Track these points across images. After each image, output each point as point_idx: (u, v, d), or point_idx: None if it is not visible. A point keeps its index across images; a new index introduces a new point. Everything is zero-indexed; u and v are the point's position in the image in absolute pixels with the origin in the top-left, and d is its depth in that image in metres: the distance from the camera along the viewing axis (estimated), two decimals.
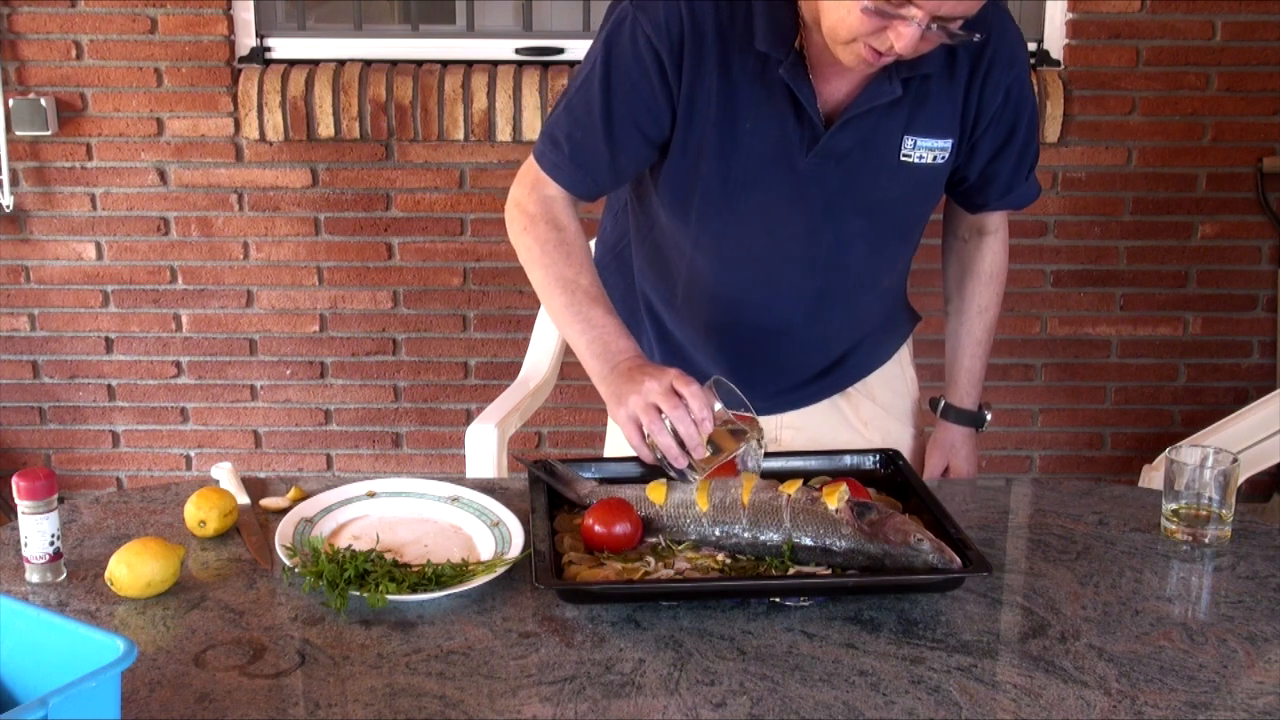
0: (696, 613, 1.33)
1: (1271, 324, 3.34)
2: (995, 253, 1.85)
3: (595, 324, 1.55)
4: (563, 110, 1.62)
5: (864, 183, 1.62)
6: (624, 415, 1.45)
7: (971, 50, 1.57)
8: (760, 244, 1.66)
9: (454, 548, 1.49)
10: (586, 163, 1.61)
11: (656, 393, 1.42)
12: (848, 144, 1.58)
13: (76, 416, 3.39)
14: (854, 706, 1.17)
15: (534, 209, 1.62)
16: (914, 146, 1.61)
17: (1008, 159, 1.70)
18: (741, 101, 1.56)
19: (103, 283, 3.29)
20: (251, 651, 1.26)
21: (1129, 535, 1.55)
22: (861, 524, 1.38)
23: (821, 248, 1.66)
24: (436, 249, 3.27)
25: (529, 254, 1.62)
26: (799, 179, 1.60)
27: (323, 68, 3.14)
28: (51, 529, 1.37)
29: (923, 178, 1.64)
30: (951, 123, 1.61)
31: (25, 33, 3.13)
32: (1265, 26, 3.15)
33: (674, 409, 1.40)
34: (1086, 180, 3.25)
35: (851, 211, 1.64)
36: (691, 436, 1.40)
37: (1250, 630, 1.32)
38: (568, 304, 1.58)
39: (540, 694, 1.18)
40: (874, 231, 1.68)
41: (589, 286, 1.58)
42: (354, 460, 3.43)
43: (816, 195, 1.61)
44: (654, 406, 1.42)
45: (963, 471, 1.90)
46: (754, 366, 1.76)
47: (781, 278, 1.68)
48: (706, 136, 1.58)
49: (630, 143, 1.59)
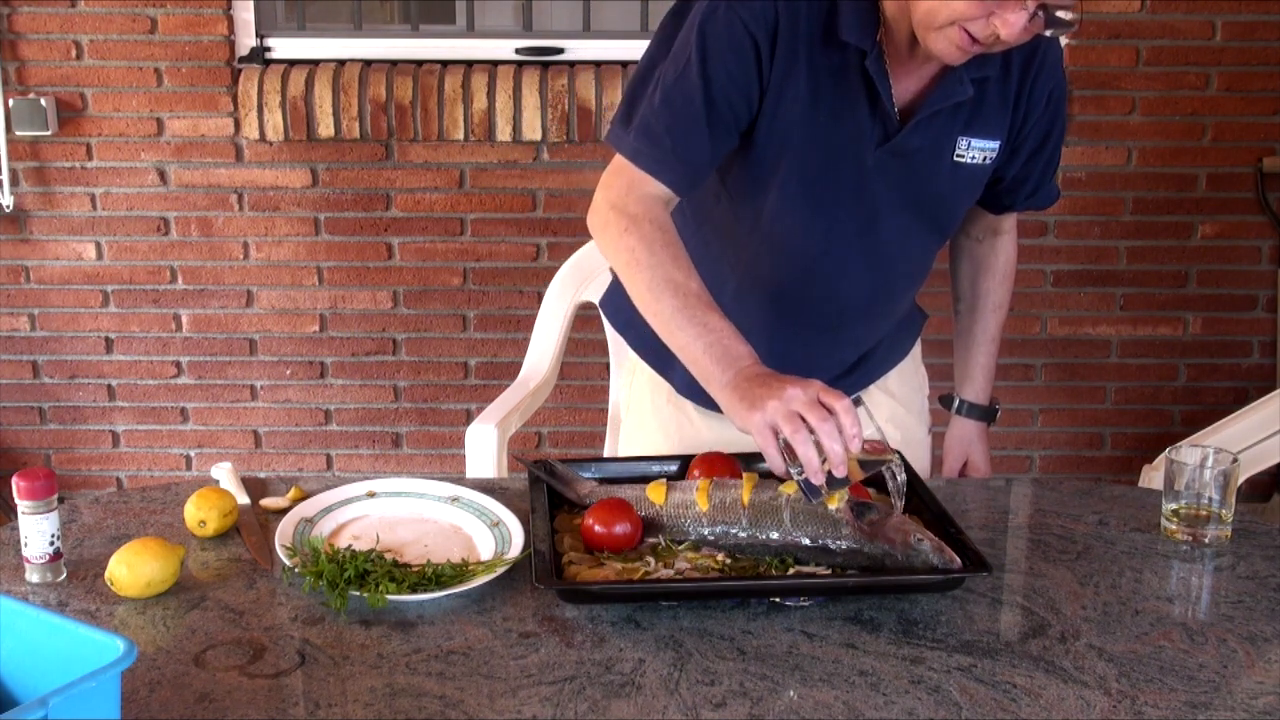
0: (696, 613, 1.33)
1: (1271, 324, 3.34)
2: (1008, 252, 1.89)
3: (712, 328, 1.47)
4: (660, 104, 1.55)
5: (920, 179, 1.63)
6: (760, 421, 1.35)
7: (1024, 54, 1.59)
8: (824, 239, 1.66)
9: (454, 548, 1.49)
10: (689, 154, 1.56)
11: (801, 401, 1.33)
12: (916, 143, 1.59)
13: (76, 416, 3.39)
14: (854, 706, 1.17)
15: (635, 209, 1.54)
16: (968, 147, 1.62)
17: (1039, 161, 1.72)
18: (822, 94, 1.56)
19: (103, 283, 3.29)
20: (251, 651, 1.26)
21: (1129, 535, 1.55)
22: (861, 524, 1.38)
23: (877, 244, 1.67)
24: (436, 249, 3.27)
25: (632, 256, 1.53)
26: (866, 172, 1.61)
27: (323, 68, 3.14)
28: (51, 529, 1.37)
29: (970, 177, 1.66)
30: (1002, 125, 1.64)
31: (25, 33, 3.13)
32: (1265, 26, 3.15)
33: (822, 421, 1.31)
34: (1086, 180, 3.25)
35: (906, 206, 1.65)
36: (837, 453, 1.31)
37: (1250, 630, 1.32)
38: (680, 307, 1.49)
39: (540, 694, 1.18)
40: (921, 227, 1.69)
41: (699, 290, 1.50)
42: (354, 460, 3.43)
43: (880, 190, 1.62)
44: (797, 415, 1.33)
45: (981, 467, 1.93)
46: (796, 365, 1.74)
47: (840, 273, 1.69)
48: (791, 128, 1.57)
49: (727, 131, 1.56)
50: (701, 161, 1.57)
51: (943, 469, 1.94)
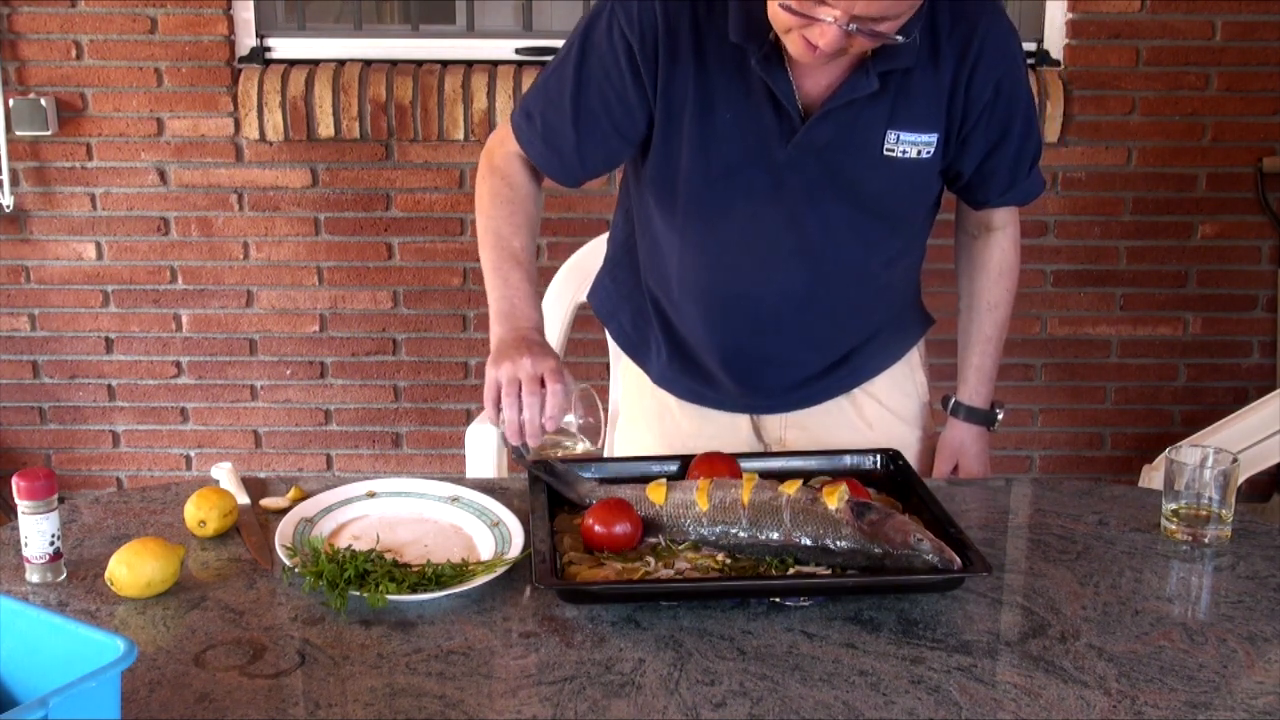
0: (696, 613, 1.33)
1: (1271, 324, 3.34)
2: (1004, 249, 1.84)
3: (511, 285, 1.60)
4: (539, 87, 1.66)
5: (845, 173, 1.61)
6: (492, 376, 1.50)
7: (957, 44, 1.56)
8: (745, 235, 1.66)
9: (454, 548, 1.49)
10: (554, 143, 1.65)
11: (526, 373, 1.47)
12: (826, 136, 1.58)
13: (76, 416, 3.39)
14: (854, 706, 1.17)
15: (498, 161, 1.69)
16: (897, 141, 1.60)
17: (1004, 155, 1.69)
18: (719, 94, 1.58)
19: (103, 283, 3.29)
20: (251, 651, 1.26)
21: (1129, 535, 1.55)
22: (861, 524, 1.38)
23: (805, 238, 1.65)
24: (436, 249, 3.27)
25: (479, 201, 1.68)
26: (778, 169, 1.60)
27: (323, 68, 3.14)
28: (51, 529, 1.37)
29: (908, 172, 1.63)
30: (936, 117, 1.61)
31: (25, 33, 3.13)
32: (1265, 26, 3.15)
33: (531, 395, 1.46)
34: (1086, 180, 3.25)
35: (834, 201, 1.63)
36: (533, 425, 1.47)
37: (1250, 630, 1.32)
38: (494, 260, 1.62)
39: (540, 694, 1.18)
40: (860, 223, 1.67)
41: (519, 250, 1.63)
42: (354, 460, 3.43)
43: (797, 185, 1.61)
44: (516, 380, 1.47)
45: (973, 470, 1.89)
46: (753, 361, 1.76)
47: (768, 268, 1.68)
48: (686, 130, 1.60)
49: (597, 132, 1.62)
50: (566, 152, 1.65)
51: (933, 473, 1.91)
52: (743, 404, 1.83)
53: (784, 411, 1.83)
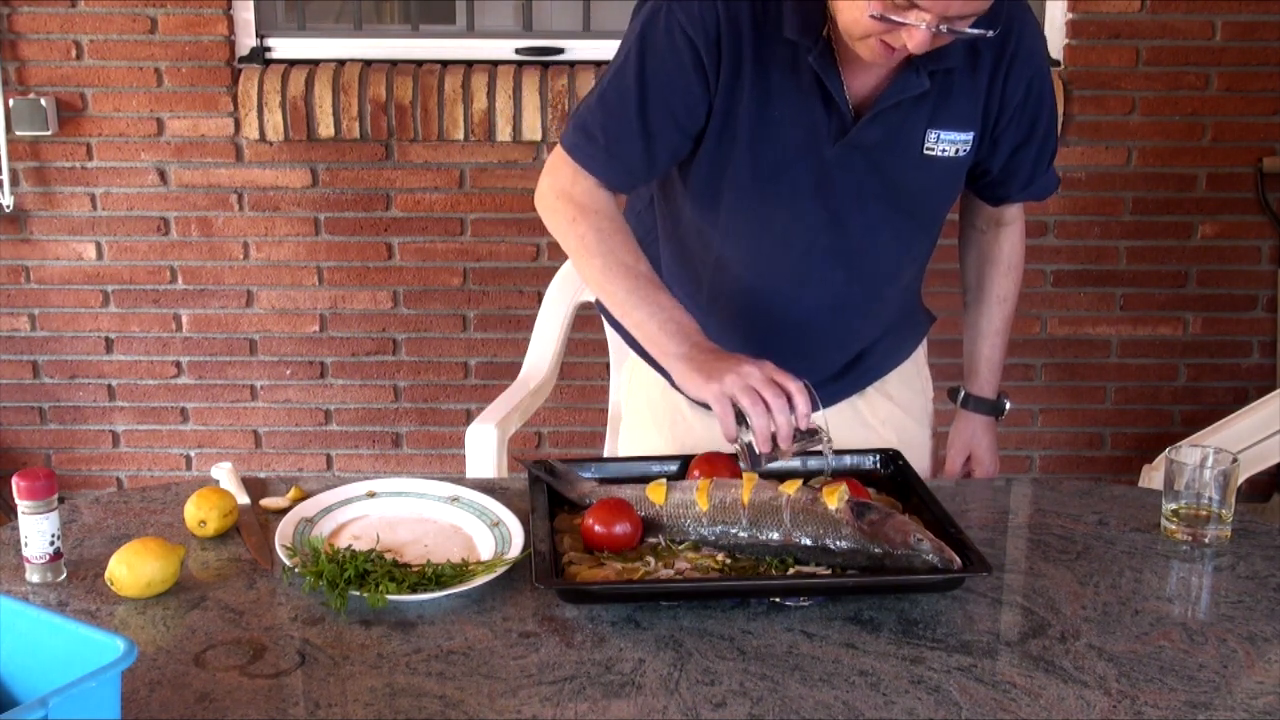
0: (696, 613, 1.33)
1: (1271, 324, 3.34)
2: (1013, 243, 1.86)
3: (664, 306, 1.56)
4: (595, 102, 1.62)
5: (888, 173, 1.63)
6: (717, 391, 1.45)
7: (994, 44, 1.57)
8: (787, 234, 1.66)
9: (454, 548, 1.49)
10: (622, 154, 1.61)
11: (758, 379, 1.44)
12: (876, 136, 1.59)
13: (76, 416, 3.39)
14: (854, 706, 1.17)
15: (582, 198, 1.63)
16: (937, 140, 1.62)
17: (1029, 152, 1.71)
18: (775, 91, 1.58)
19: (103, 283, 3.29)
20: (251, 651, 1.26)
21: (1129, 535, 1.55)
22: (861, 524, 1.38)
23: (848, 237, 1.67)
24: (436, 249, 3.27)
25: (582, 243, 1.62)
26: (826, 167, 1.61)
27: (323, 68, 3.14)
28: (51, 529, 1.37)
29: (944, 170, 1.65)
30: (973, 116, 1.63)
31: (25, 33, 3.13)
32: (1265, 26, 3.15)
33: (776, 398, 1.42)
34: (1086, 180, 3.25)
35: (875, 201, 1.65)
36: (786, 429, 1.43)
37: (1250, 630, 1.32)
38: (632, 289, 1.58)
39: (540, 694, 1.18)
40: (897, 221, 1.69)
41: (649, 273, 1.60)
42: (354, 460, 3.43)
43: (842, 184, 1.63)
44: (754, 390, 1.43)
45: (986, 464, 1.92)
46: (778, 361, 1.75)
47: (809, 267, 1.69)
48: (740, 126, 1.60)
49: (665, 133, 1.60)
50: (635, 161, 1.62)
51: (945, 467, 1.93)
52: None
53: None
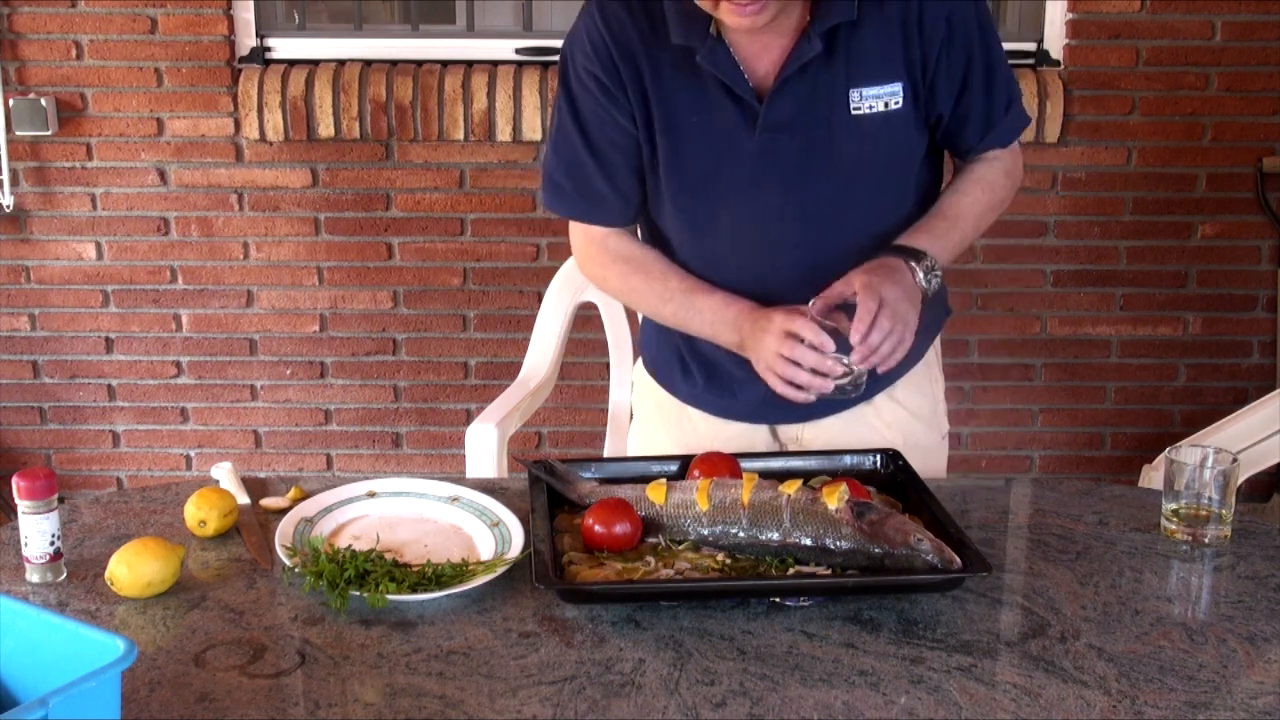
0: (696, 613, 1.33)
1: (1271, 324, 3.34)
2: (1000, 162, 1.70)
3: (704, 309, 1.65)
4: (551, 154, 1.70)
5: (821, 145, 1.59)
6: (762, 370, 1.56)
7: None
8: (737, 230, 1.65)
9: (454, 548, 1.49)
10: (591, 193, 1.68)
11: (773, 346, 1.52)
12: (789, 112, 1.57)
13: (76, 416, 3.39)
14: (854, 706, 1.17)
15: (598, 254, 1.73)
16: (861, 98, 1.57)
17: (974, 91, 1.62)
18: (681, 101, 1.59)
19: (103, 283, 3.29)
20: (251, 651, 1.26)
21: (1129, 535, 1.55)
22: (861, 524, 1.38)
23: (803, 219, 1.63)
24: (436, 249, 3.27)
25: (621, 295, 1.80)
26: (755, 158, 1.60)
27: (323, 68, 3.14)
28: (51, 529, 1.37)
29: (884, 126, 1.59)
30: (895, 66, 1.57)
31: (25, 33, 3.13)
32: (1265, 26, 3.15)
33: (792, 351, 1.50)
34: (1086, 180, 3.25)
35: (821, 175, 1.61)
36: (823, 366, 1.49)
37: (1250, 630, 1.32)
38: (675, 310, 1.68)
39: (540, 694, 1.19)
40: (856, 191, 1.63)
41: (679, 282, 1.67)
42: (354, 460, 3.43)
43: (778, 169, 1.60)
44: (780, 357, 1.51)
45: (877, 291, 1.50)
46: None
47: (771, 259, 1.66)
48: (661, 136, 1.61)
49: (615, 159, 1.66)
50: (605, 194, 1.68)
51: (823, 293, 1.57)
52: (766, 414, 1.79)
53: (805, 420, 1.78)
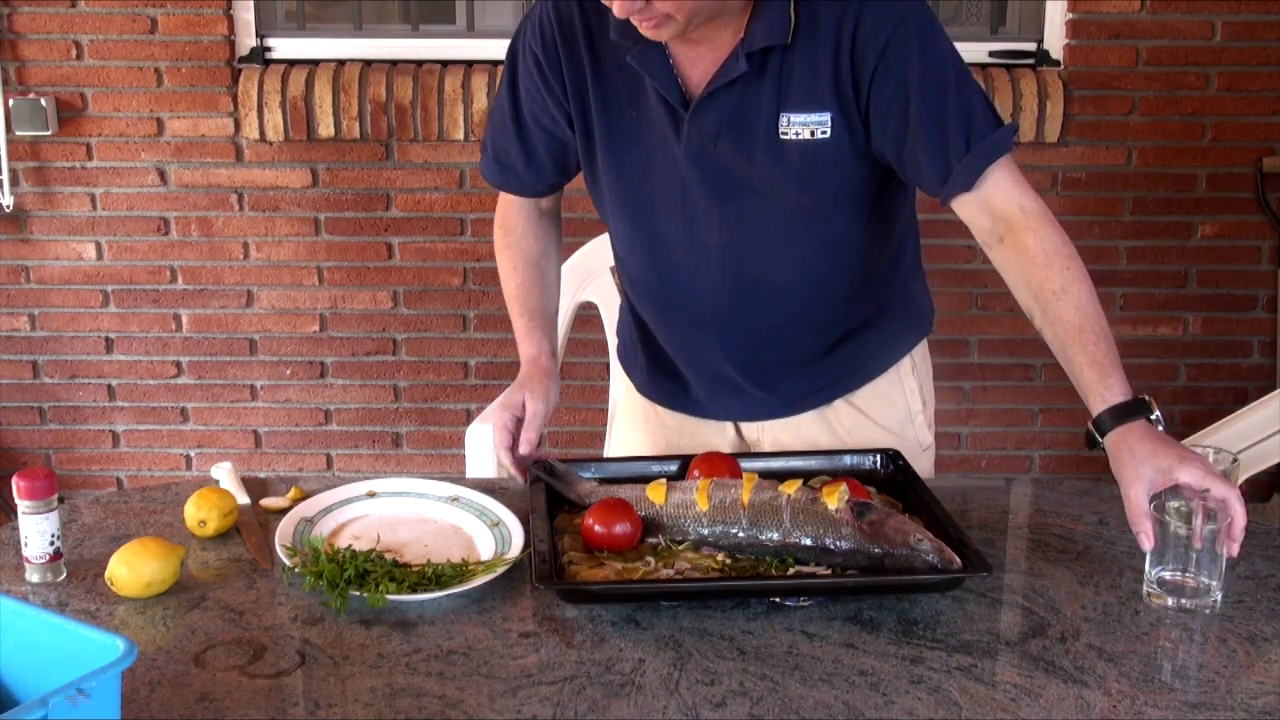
0: (696, 613, 1.33)
1: (1271, 324, 3.34)
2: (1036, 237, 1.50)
3: (518, 331, 1.77)
4: (489, 118, 1.78)
5: (747, 163, 1.56)
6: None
7: (833, 16, 1.48)
8: (665, 231, 1.64)
9: (454, 548, 1.49)
10: (507, 163, 1.75)
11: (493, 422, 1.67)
12: (712, 125, 1.54)
13: (76, 416, 3.39)
14: (854, 706, 1.17)
15: (498, 216, 1.83)
16: (789, 123, 1.53)
17: (925, 124, 1.48)
18: (621, 95, 1.59)
19: (103, 283, 3.29)
20: (251, 651, 1.26)
21: (1129, 535, 1.55)
22: (861, 524, 1.38)
23: (725, 232, 1.61)
24: (436, 249, 3.27)
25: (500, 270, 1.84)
26: (685, 163, 1.58)
27: (323, 68, 3.14)
28: (51, 529, 1.37)
29: (811, 154, 1.54)
30: (825, 95, 1.51)
31: (25, 33, 3.13)
32: (1265, 26, 3.15)
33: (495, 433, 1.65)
34: (1086, 180, 3.25)
35: (746, 192, 1.58)
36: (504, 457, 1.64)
37: (1250, 630, 1.32)
38: (508, 305, 1.80)
39: (540, 694, 1.19)
40: (779, 213, 1.59)
41: (515, 290, 1.79)
42: (354, 460, 3.43)
43: (706, 178, 1.58)
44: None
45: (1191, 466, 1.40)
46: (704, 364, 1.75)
47: (704, 259, 1.63)
48: (597, 128, 1.62)
49: (540, 144, 1.71)
50: (519, 166, 1.74)
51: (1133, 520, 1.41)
52: (717, 410, 1.79)
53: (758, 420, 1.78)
